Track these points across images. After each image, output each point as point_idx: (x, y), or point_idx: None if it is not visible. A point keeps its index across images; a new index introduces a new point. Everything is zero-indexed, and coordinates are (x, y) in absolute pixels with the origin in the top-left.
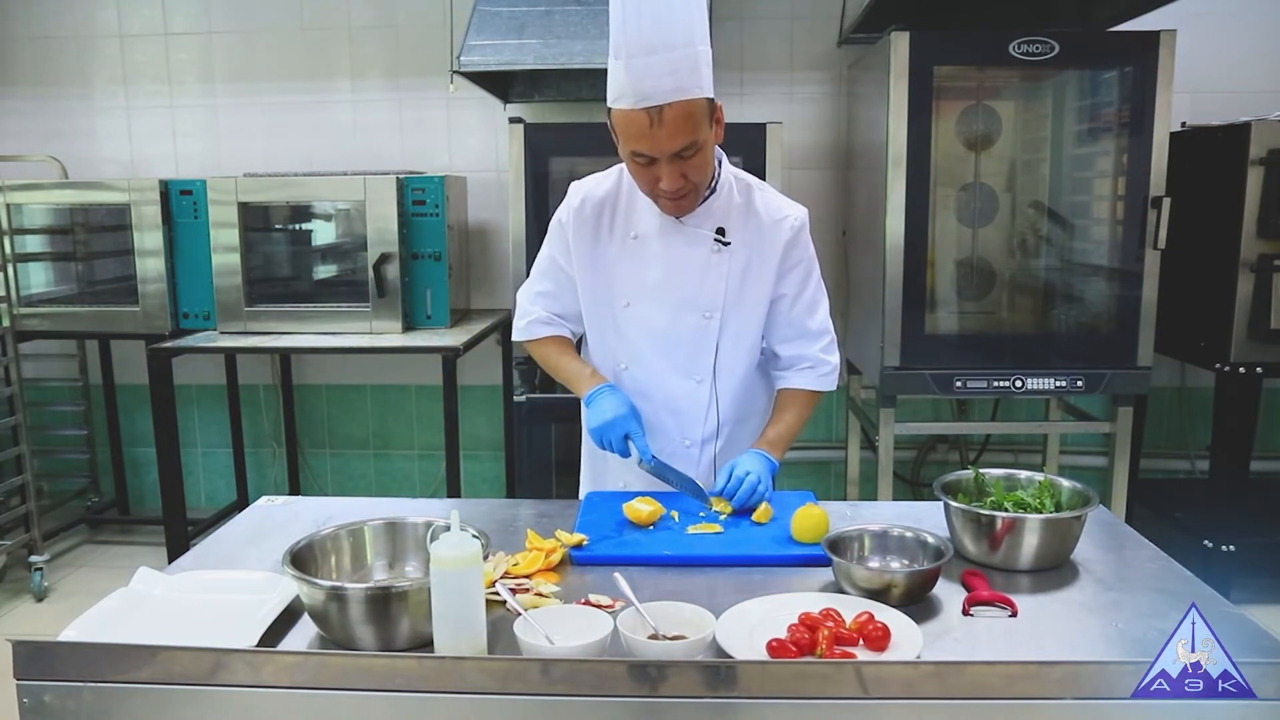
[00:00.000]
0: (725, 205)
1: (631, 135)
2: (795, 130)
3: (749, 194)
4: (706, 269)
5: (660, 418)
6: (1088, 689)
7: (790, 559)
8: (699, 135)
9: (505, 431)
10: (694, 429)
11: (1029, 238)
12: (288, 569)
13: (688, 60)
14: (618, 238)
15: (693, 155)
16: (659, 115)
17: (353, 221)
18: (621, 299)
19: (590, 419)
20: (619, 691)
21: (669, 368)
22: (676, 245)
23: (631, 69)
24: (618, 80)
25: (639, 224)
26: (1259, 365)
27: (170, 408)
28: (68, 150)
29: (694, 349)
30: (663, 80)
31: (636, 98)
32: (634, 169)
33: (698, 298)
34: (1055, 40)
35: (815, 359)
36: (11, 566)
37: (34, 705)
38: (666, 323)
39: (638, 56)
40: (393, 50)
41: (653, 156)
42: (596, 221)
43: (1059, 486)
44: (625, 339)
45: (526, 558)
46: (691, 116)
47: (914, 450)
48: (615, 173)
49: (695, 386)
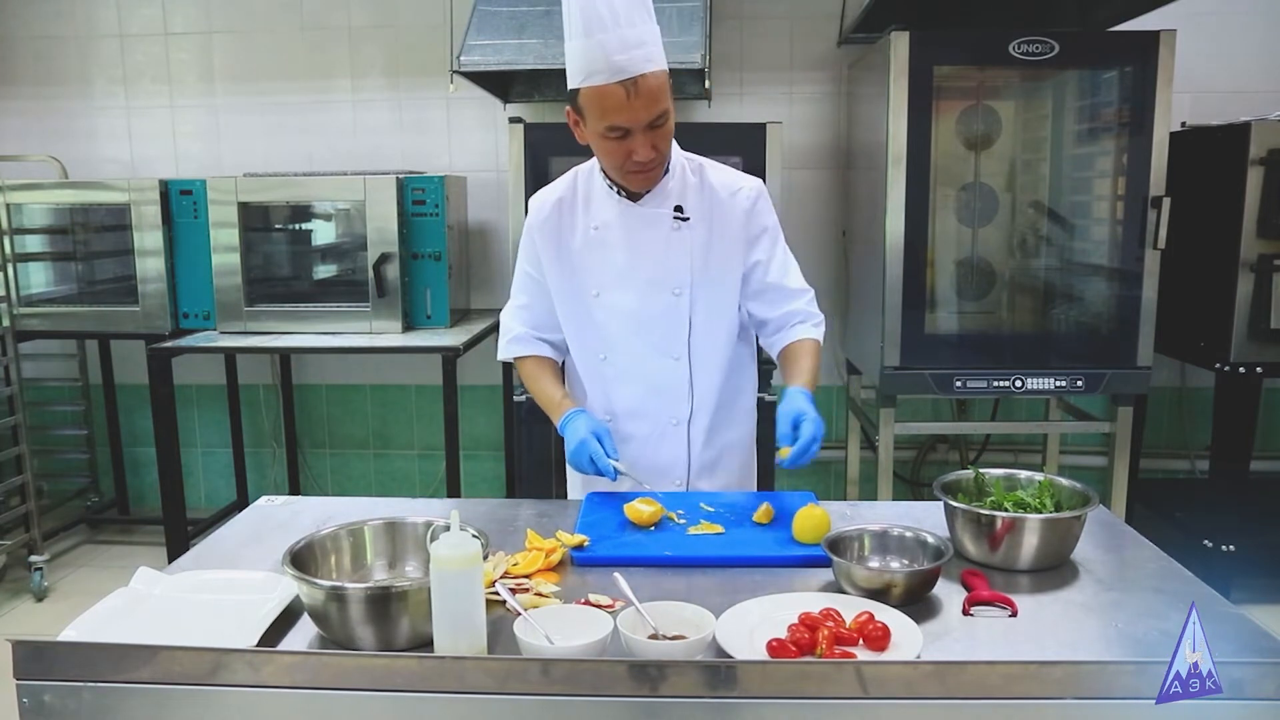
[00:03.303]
0: (680, 184)
1: (608, 109)
2: (795, 130)
3: (701, 172)
4: (669, 247)
5: (645, 401)
6: (1088, 689)
7: (790, 559)
8: (668, 104)
9: (505, 431)
10: (680, 407)
11: (1029, 238)
12: (288, 569)
13: (650, 33)
14: (580, 231)
15: (663, 124)
16: (634, 87)
17: (353, 221)
18: (591, 289)
19: (566, 449)
20: (619, 691)
21: (646, 348)
22: (637, 228)
23: (605, 44)
24: (587, 58)
25: (598, 214)
26: (1259, 365)
27: (170, 408)
28: (68, 150)
29: (667, 327)
30: (635, 51)
31: (611, 72)
32: (604, 146)
33: (664, 276)
34: (1055, 40)
35: (804, 312)
36: (11, 566)
37: (34, 705)
38: (637, 304)
39: (608, 30)
40: (393, 50)
41: (627, 129)
42: (558, 221)
43: (1059, 486)
44: (600, 328)
45: (526, 558)
46: (661, 86)
47: (914, 450)
48: (569, 176)
49: (674, 364)
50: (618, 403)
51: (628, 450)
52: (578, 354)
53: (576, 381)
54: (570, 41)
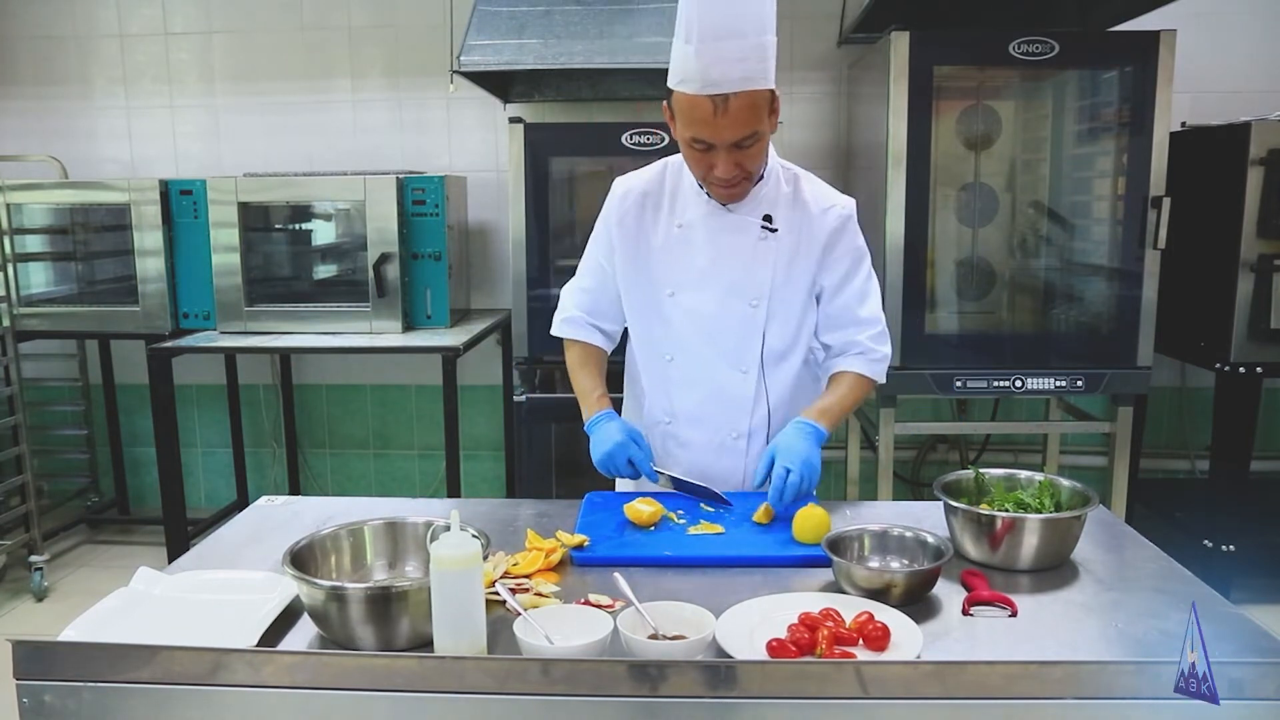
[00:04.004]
0: (773, 193)
1: (694, 120)
2: (795, 130)
3: (796, 183)
4: (754, 255)
5: (706, 409)
6: (1088, 689)
7: (790, 559)
8: (760, 125)
9: (505, 431)
10: (741, 420)
11: (1029, 238)
12: (288, 569)
13: (757, 49)
14: (662, 226)
15: (751, 145)
16: (724, 104)
17: (353, 221)
18: (666, 287)
19: (593, 449)
20: (619, 691)
21: (716, 356)
22: (723, 231)
23: (702, 54)
24: (685, 64)
25: (684, 212)
26: (1259, 365)
27: (170, 407)
28: (68, 150)
29: (740, 337)
30: (732, 68)
31: (703, 83)
32: (689, 154)
33: (744, 285)
34: (1055, 40)
35: (865, 346)
36: (11, 566)
37: (34, 705)
38: (713, 310)
39: (709, 42)
40: (393, 50)
41: (711, 143)
42: (640, 212)
43: (1059, 486)
44: (671, 329)
45: (526, 558)
46: (755, 107)
47: (914, 450)
48: (659, 166)
49: (742, 377)
50: (679, 406)
51: (684, 456)
52: (642, 350)
53: (637, 377)
54: (675, 41)
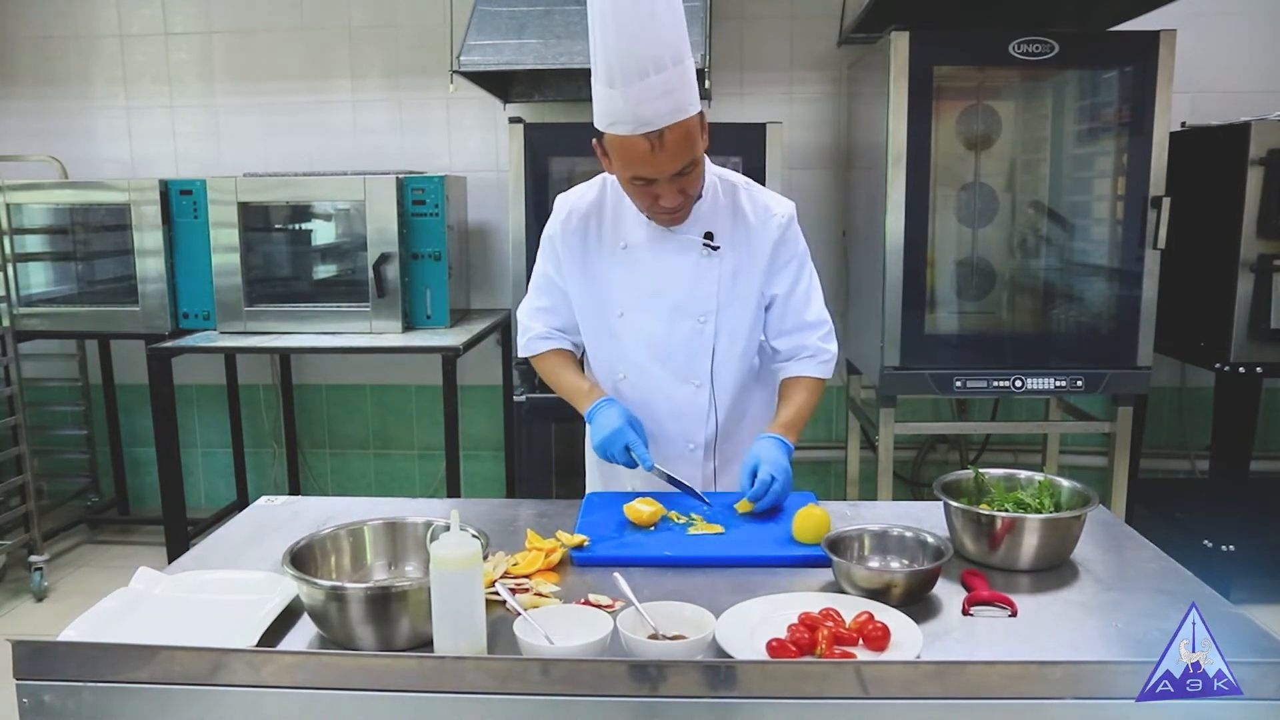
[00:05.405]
0: (712, 208)
1: (633, 160)
2: (795, 130)
3: (734, 194)
4: (697, 274)
5: (663, 425)
6: (1088, 689)
7: (790, 559)
8: (696, 151)
9: (505, 431)
10: (696, 432)
11: (1029, 238)
12: (288, 569)
13: (680, 78)
14: (607, 248)
15: (691, 171)
16: (659, 139)
17: (353, 221)
18: (615, 309)
19: (592, 435)
20: (619, 691)
21: (667, 374)
22: (666, 253)
23: (629, 96)
24: (612, 106)
25: (628, 234)
26: (1259, 365)
27: (170, 407)
28: (68, 150)
29: (690, 354)
30: (660, 103)
31: (636, 124)
32: (631, 189)
33: (690, 303)
34: (1055, 40)
35: (814, 348)
36: (11, 566)
37: (34, 705)
38: (662, 330)
39: (633, 83)
40: (393, 50)
41: (653, 178)
42: (584, 233)
43: (1059, 486)
44: (622, 348)
45: (526, 558)
46: (690, 135)
47: (914, 450)
48: (599, 182)
49: (694, 391)
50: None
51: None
52: (597, 368)
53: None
54: (595, 85)
